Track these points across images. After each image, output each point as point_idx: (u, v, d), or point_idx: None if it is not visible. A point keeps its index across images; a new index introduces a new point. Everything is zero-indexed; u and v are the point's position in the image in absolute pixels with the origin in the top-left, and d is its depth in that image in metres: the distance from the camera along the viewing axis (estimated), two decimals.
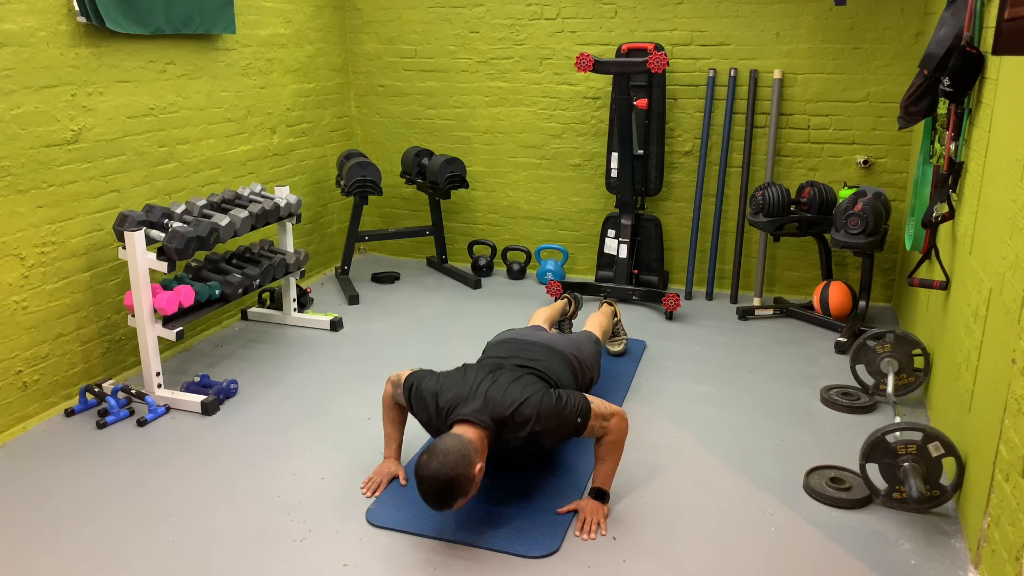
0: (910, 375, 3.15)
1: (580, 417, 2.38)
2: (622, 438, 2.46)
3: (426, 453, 2.20)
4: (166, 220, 3.27)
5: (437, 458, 2.17)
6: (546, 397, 2.37)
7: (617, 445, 2.46)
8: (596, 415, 2.40)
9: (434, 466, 2.16)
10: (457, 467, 2.16)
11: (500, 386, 2.40)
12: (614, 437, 2.44)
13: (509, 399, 2.35)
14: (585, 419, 2.39)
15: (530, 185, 4.99)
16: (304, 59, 4.69)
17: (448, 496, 2.18)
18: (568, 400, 2.39)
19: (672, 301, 4.16)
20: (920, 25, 4.02)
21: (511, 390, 2.38)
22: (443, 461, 2.16)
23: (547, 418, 2.34)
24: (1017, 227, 2.08)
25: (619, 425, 2.44)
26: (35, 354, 3.11)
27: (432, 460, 2.17)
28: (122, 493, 2.62)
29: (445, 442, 2.22)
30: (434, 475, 2.16)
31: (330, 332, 4.07)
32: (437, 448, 2.20)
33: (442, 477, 2.15)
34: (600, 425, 2.42)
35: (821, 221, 3.97)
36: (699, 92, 4.48)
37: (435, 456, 2.18)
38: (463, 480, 2.17)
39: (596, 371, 3.04)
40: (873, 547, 2.32)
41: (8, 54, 2.90)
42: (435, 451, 2.19)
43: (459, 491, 2.18)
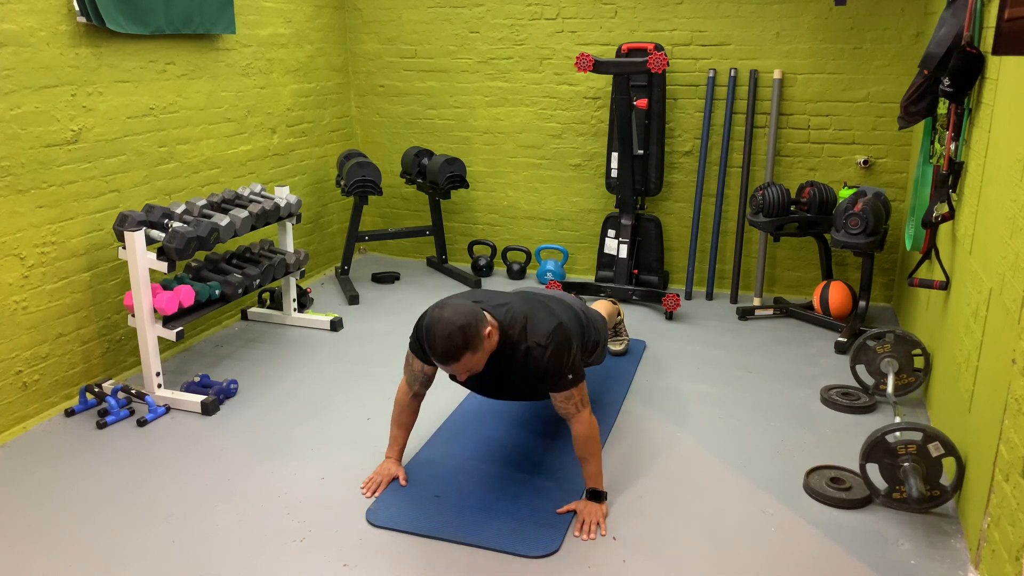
0: (910, 375, 3.15)
1: (572, 374, 2.39)
2: (591, 434, 2.44)
3: (437, 305, 2.27)
4: (166, 220, 3.27)
5: (448, 308, 2.23)
6: (563, 329, 2.40)
7: (591, 442, 2.45)
8: (580, 390, 2.42)
9: (446, 314, 2.21)
10: (468, 317, 2.20)
11: (528, 302, 2.46)
12: (581, 430, 2.42)
13: (531, 310, 2.41)
14: (575, 379, 2.40)
15: (530, 185, 4.99)
16: (304, 59, 4.69)
17: (456, 344, 2.18)
18: (575, 352, 2.42)
19: (672, 301, 4.16)
20: (920, 25, 4.02)
21: (538, 308, 2.44)
22: (455, 310, 2.22)
23: (553, 345, 2.35)
24: (1017, 227, 2.08)
25: (589, 419, 2.44)
26: (35, 354, 3.11)
27: (444, 310, 2.23)
28: (122, 493, 2.62)
29: (458, 298, 2.29)
30: (447, 320, 2.19)
31: (330, 332, 4.07)
32: (449, 300, 2.27)
33: (454, 322, 2.18)
34: (576, 403, 2.42)
35: (821, 221, 3.97)
36: (699, 92, 4.48)
37: (446, 307, 2.24)
38: (472, 331, 2.20)
39: (602, 339, 2.98)
40: (873, 547, 2.32)
41: (8, 54, 2.90)
42: (447, 303, 2.26)
43: (467, 343, 2.19)
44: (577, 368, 2.42)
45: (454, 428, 3.02)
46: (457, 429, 3.01)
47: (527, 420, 3.08)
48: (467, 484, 2.64)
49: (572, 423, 2.44)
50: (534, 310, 2.44)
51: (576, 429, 2.43)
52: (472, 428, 3.02)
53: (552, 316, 2.44)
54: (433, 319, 2.23)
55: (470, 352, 2.21)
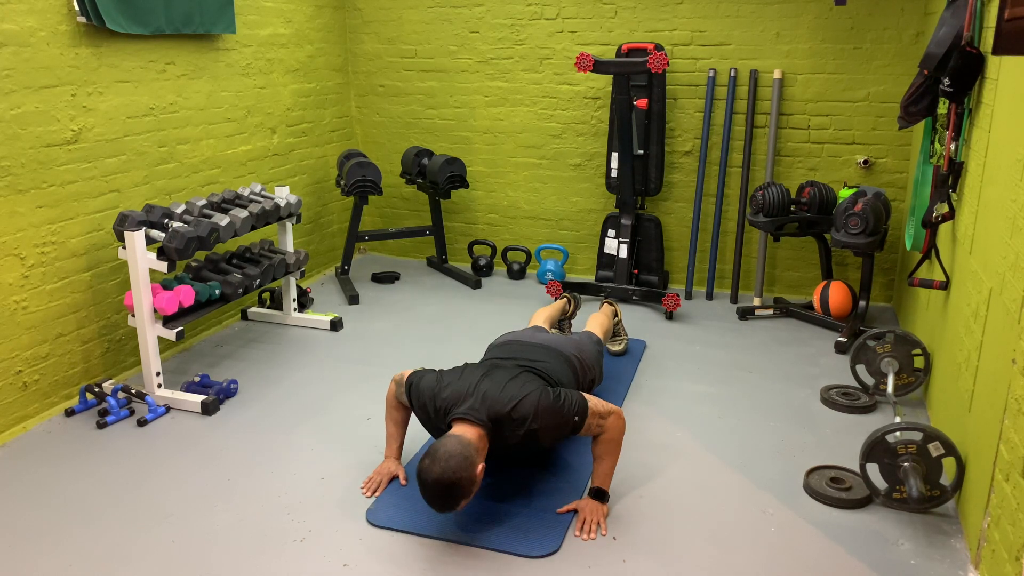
0: (910, 375, 3.15)
1: (577, 415, 2.38)
2: (619, 437, 2.46)
3: (427, 457, 2.21)
4: (166, 220, 3.27)
5: (439, 463, 2.17)
6: (544, 395, 2.37)
7: (614, 444, 2.46)
8: (593, 413, 2.41)
9: (436, 471, 2.17)
10: (459, 470, 2.17)
11: (498, 384, 2.40)
12: (611, 435, 2.44)
13: (507, 396, 2.35)
14: (582, 417, 2.39)
15: (530, 185, 4.99)
16: (304, 59, 4.69)
17: (452, 499, 2.19)
18: (566, 398, 2.39)
19: (672, 301, 4.16)
20: (920, 25, 4.02)
21: (509, 388, 2.39)
22: (445, 466, 2.17)
23: (545, 416, 2.34)
24: (1017, 227, 2.08)
25: (616, 424, 2.44)
26: (35, 354, 3.11)
27: (434, 465, 2.17)
28: (122, 493, 2.62)
29: (446, 445, 2.22)
30: (437, 479, 2.16)
31: (330, 332, 4.07)
32: (439, 452, 2.20)
33: (445, 481, 2.16)
34: (597, 423, 2.42)
35: (821, 221, 3.97)
36: (699, 92, 4.48)
37: (437, 461, 2.18)
38: (465, 482, 2.18)
39: (598, 372, 3.04)
40: (873, 547, 2.32)
41: (8, 54, 2.90)
42: (436, 455, 2.19)
43: (462, 493, 2.19)
44: (579, 408, 2.40)
45: None
46: None
47: None
48: None
49: (604, 434, 2.45)
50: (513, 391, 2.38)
51: (606, 436, 2.45)
52: None
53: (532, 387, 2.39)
54: (425, 477, 2.18)
55: (465, 499, 2.23)
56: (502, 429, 2.35)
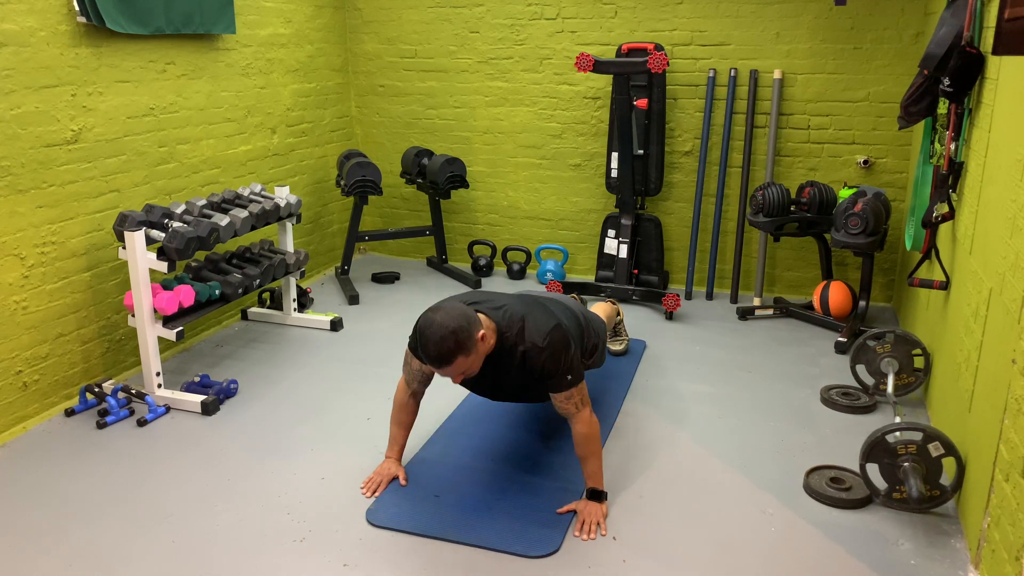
0: (910, 375, 3.15)
1: (571, 374, 2.40)
2: (591, 433, 2.44)
3: (431, 308, 2.27)
4: (166, 220, 3.27)
5: (442, 312, 2.23)
6: (561, 329, 2.40)
7: (591, 441, 2.45)
8: (580, 390, 2.42)
9: (439, 317, 2.21)
10: (461, 320, 2.20)
11: (524, 303, 2.47)
12: (582, 429, 2.43)
13: (527, 311, 2.41)
14: (575, 379, 2.40)
15: (530, 185, 4.99)
16: (304, 59, 4.69)
17: (450, 347, 2.19)
18: (573, 353, 2.42)
19: (672, 301, 4.16)
20: (920, 25, 4.02)
21: (535, 309, 2.44)
22: (448, 314, 2.22)
23: (551, 347, 2.35)
24: (1017, 227, 2.08)
25: (589, 419, 2.44)
26: (35, 354, 3.11)
27: (437, 313, 2.23)
28: (122, 493, 2.62)
29: (452, 301, 2.29)
30: (439, 323, 2.19)
31: (330, 332, 4.07)
32: (443, 304, 2.27)
33: (447, 326, 2.18)
34: (575, 402, 2.42)
35: (821, 221, 3.97)
36: (699, 92, 4.48)
37: (440, 310, 2.24)
38: (465, 335, 2.20)
39: (600, 343, 2.99)
40: (873, 547, 2.32)
41: (8, 54, 2.90)
42: (440, 306, 2.26)
43: (460, 346, 2.19)
44: (576, 368, 2.42)
45: (454, 428, 3.02)
46: (457, 429, 3.01)
47: (527, 420, 3.08)
48: (467, 484, 2.64)
49: (572, 422, 2.44)
50: (532, 311, 2.44)
51: (576, 428, 2.44)
52: (472, 428, 3.02)
53: (550, 317, 2.44)
54: (426, 322, 2.24)
55: (463, 355, 2.21)
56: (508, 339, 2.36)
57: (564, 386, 2.40)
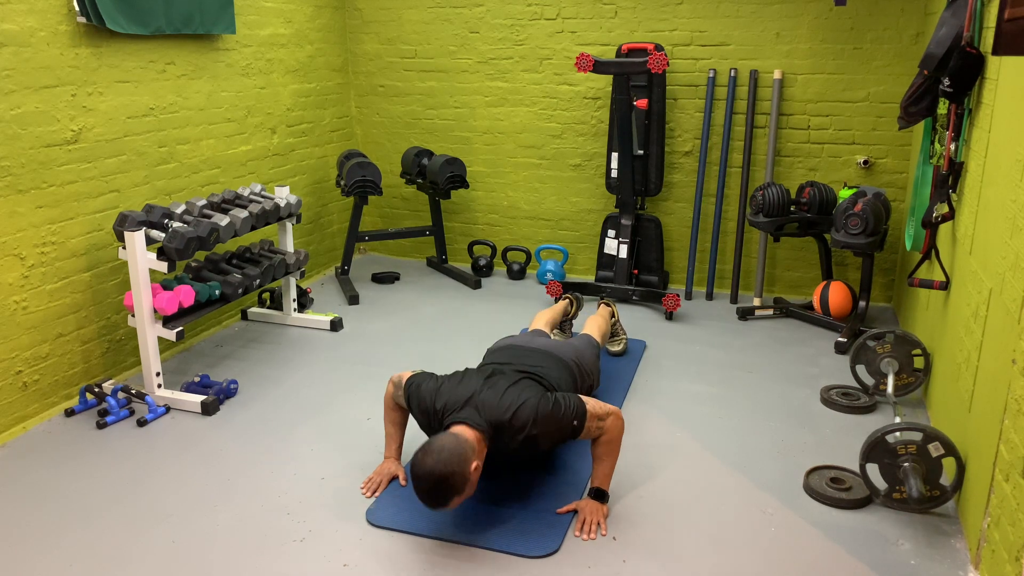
0: (910, 375, 3.15)
1: (576, 420, 2.38)
2: (619, 437, 2.46)
3: (422, 450, 2.20)
4: (166, 220, 3.26)
5: (432, 455, 2.16)
6: (543, 401, 2.37)
7: (614, 444, 2.46)
8: (592, 416, 2.41)
9: (429, 463, 2.15)
10: (452, 464, 2.15)
11: (497, 390, 2.40)
12: (610, 436, 2.44)
13: (506, 403, 2.35)
14: (581, 421, 2.39)
15: (530, 185, 4.99)
16: (304, 59, 4.69)
17: (443, 494, 2.17)
18: (564, 403, 2.39)
19: (672, 301, 4.16)
20: (920, 25, 4.02)
21: (508, 394, 2.38)
22: (438, 458, 2.16)
23: (543, 422, 2.34)
24: (1017, 227, 2.08)
25: (615, 424, 2.44)
26: (35, 354, 3.11)
27: (428, 457, 2.16)
28: (122, 493, 2.62)
29: (441, 440, 2.21)
30: (429, 472, 2.15)
31: (330, 332, 4.07)
32: (433, 446, 2.19)
33: (437, 474, 2.14)
34: (596, 426, 2.42)
35: (821, 221, 3.97)
36: (699, 92, 4.48)
37: (430, 453, 2.17)
38: (458, 478, 2.17)
39: (596, 377, 3.05)
40: (873, 547, 2.32)
41: (8, 54, 2.90)
42: (431, 448, 2.19)
43: (454, 489, 2.17)
44: (577, 412, 2.39)
45: None
46: None
47: None
48: None
49: (604, 436, 2.45)
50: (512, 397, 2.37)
51: (605, 438, 2.45)
52: None
53: (531, 393, 2.39)
54: (418, 470, 2.16)
55: (458, 496, 2.21)
56: (501, 435, 2.34)
57: (580, 430, 2.40)
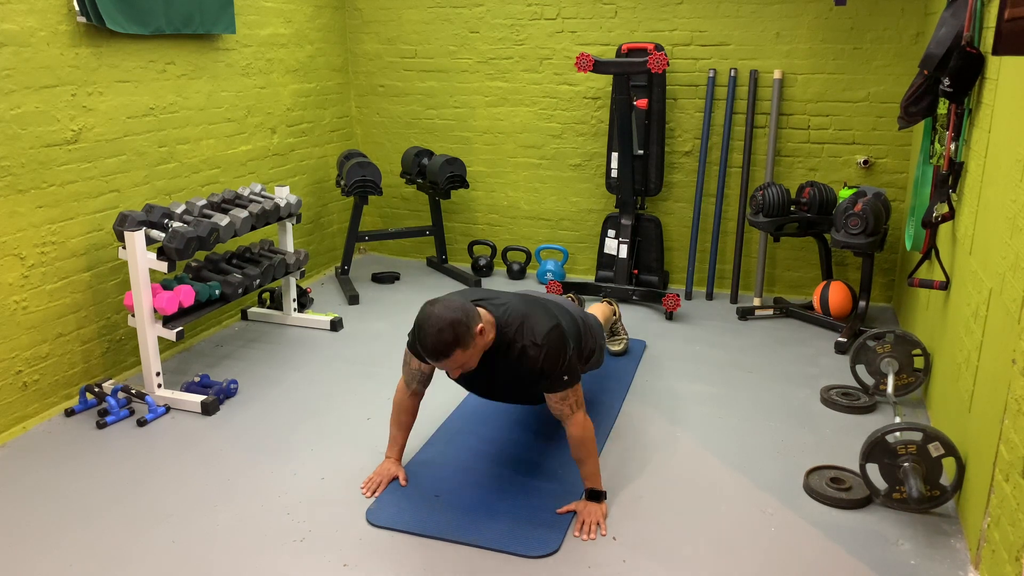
0: (910, 375, 3.15)
1: (567, 375, 2.39)
2: (585, 436, 2.44)
3: (429, 302, 2.28)
4: (166, 220, 3.26)
5: (440, 303, 2.24)
6: (559, 329, 2.40)
7: (586, 444, 2.45)
8: (576, 392, 2.42)
9: (438, 309, 2.22)
10: (459, 313, 2.21)
11: (524, 301, 2.48)
12: (577, 432, 2.43)
13: (528, 310, 2.42)
14: (571, 380, 2.40)
15: (530, 185, 4.99)
16: (304, 59, 4.69)
17: (447, 340, 2.19)
18: (571, 353, 2.42)
19: (672, 301, 4.16)
20: (920, 25, 4.02)
21: (534, 307, 2.45)
22: (447, 305, 2.23)
23: (548, 345, 2.35)
24: (1017, 227, 2.08)
25: (583, 421, 2.44)
26: (35, 354, 3.11)
27: (436, 305, 2.24)
28: (122, 493, 2.62)
29: (451, 295, 2.30)
30: (438, 316, 2.20)
31: (330, 332, 4.07)
32: (442, 298, 2.27)
33: (446, 319, 2.19)
34: (570, 404, 2.42)
35: (821, 221, 3.97)
36: (699, 92, 4.48)
37: (439, 302, 2.25)
38: (463, 328, 2.20)
39: (598, 346, 2.99)
40: (873, 547, 2.32)
41: (8, 54, 2.90)
42: (440, 298, 2.27)
43: (458, 339, 2.19)
44: (573, 370, 2.42)
45: (454, 428, 3.02)
46: (457, 429, 3.01)
47: (527, 421, 3.08)
48: (467, 484, 2.64)
49: (567, 424, 2.44)
50: (532, 310, 2.44)
51: (571, 431, 2.44)
52: (472, 428, 3.02)
53: (550, 317, 2.44)
54: (424, 315, 2.24)
55: (460, 348, 2.22)
56: (507, 335, 2.37)
57: (560, 387, 2.40)
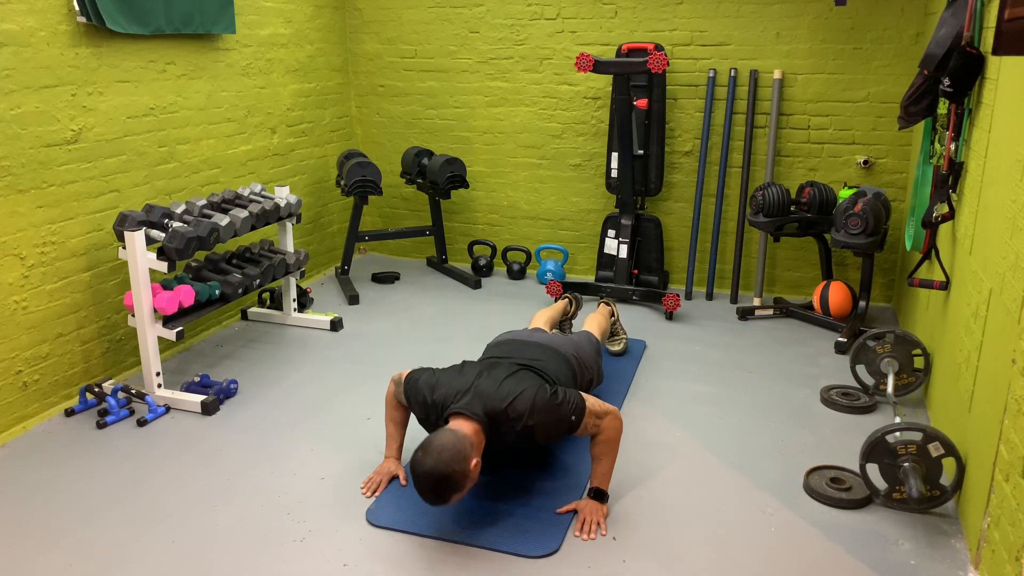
0: (910, 375, 3.15)
1: (575, 415, 2.38)
2: (616, 437, 2.46)
3: (421, 449, 2.20)
4: (166, 220, 3.26)
5: (432, 455, 2.17)
6: (540, 392, 2.37)
7: (612, 444, 2.46)
8: (590, 413, 2.41)
9: (429, 464, 2.16)
10: (452, 463, 2.16)
11: (495, 380, 2.41)
12: (608, 436, 2.44)
13: (504, 393, 2.36)
14: (579, 416, 2.39)
15: (530, 185, 4.99)
16: (304, 59, 4.69)
17: (444, 492, 2.18)
18: (563, 396, 2.39)
19: (672, 301, 4.16)
20: (920, 25, 4.02)
21: (506, 384, 2.39)
22: (438, 458, 2.16)
23: (541, 413, 2.34)
24: (1017, 227, 2.08)
25: (613, 424, 2.44)
26: (35, 354, 3.11)
27: (427, 457, 2.17)
28: (122, 493, 2.62)
29: (440, 438, 2.22)
30: (429, 471, 2.15)
31: (330, 332, 4.07)
32: (432, 444, 2.20)
33: (438, 474, 2.15)
34: (594, 423, 2.42)
35: (821, 221, 3.97)
36: (699, 92, 4.48)
37: (430, 453, 2.17)
38: (458, 475, 2.17)
39: (596, 372, 3.05)
40: (873, 547, 2.32)
41: (8, 54, 2.90)
42: (430, 447, 2.19)
43: (455, 487, 2.18)
44: (575, 405, 2.40)
45: None
46: None
47: None
48: None
49: (600, 435, 2.45)
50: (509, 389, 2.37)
51: (602, 437, 2.45)
52: None
53: (529, 384, 2.39)
54: (418, 469, 2.17)
55: (459, 494, 2.22)
56: (499, 426, 2.35)
57: (576, 426, 2.40)
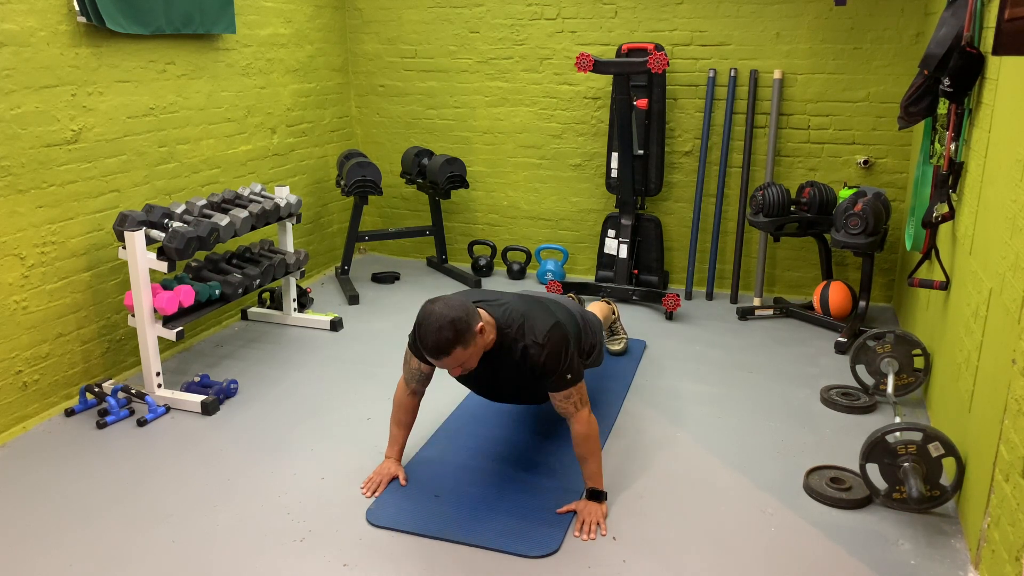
0: (910, 375, 3.15)
1: (570, 373, 2.40)
2: (593, 434, 2.45)
3: (430, 300, 2.29)
4: (166, 220, 3.26)
5: (441, 302, 2.26)
6: (562, 331, 2.41)
7: (590, 442, 2.45)
8: (579, 390, 2.43)
9: (439, 307, 2.23)
10: (460, 311, 2.22)
11: (526, 302, 2.49)
12: (582, 430, 2.43)
13: (529, 310, 2.43)
14: (573, 379, 2.41)
15: (530, 185, 4.99)
16: (304, 59, 4.69)
17: (446, 335, 2.20)
18: (574, 354, 2.43)
19: (672, 301, 4.16)
20: (920, 25, 4.02)
21: (536, 308, 2.46)
22: (448, 303, 2.25)
23: (551, 344, 2.36)
24: (1017, 227, 2.08)
25: (588, 419, 2.44)
26: (35, 354, 3.11)
27: (437, 303, 2.26)
28: (122, 493, 2.62)
29: (452, 295, 2.31)
30: (439, 314, 2.21)
31: (330, 332, 4.07)
32: (442, 297, 2.29)
33: (447, 317, 2.20)
34: (575, 402, 2.42)
35: (821, 221, 3.97)
36: (699, 92, 4.48)
37: (439, 300, 2.27)
38: (463, 325, 2.21)
39: (598, 346, 3.01)
40: (873, 547, 2.32)
41: (8, 54, 2.90)
42: (441, 297, 2.29)
43: (458, 335, 2.21)
44: (575, 368, 2.42)
45: (454, 428, 3.02)
46: (457, 429, 3.01)
47: (527, 420, 3.08)
48: (467, 484, 2.64)
49: (571, 422, 2.45)
50: (532, 310, 2.45)
51: (575, 428, 2.44)
52: (472, 428, 3.02)
53: (550, 316, 2.44)
54: (425, 313, 2.26)
55: (460, 347, 2.22)
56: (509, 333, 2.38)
57: (563, 385, 2.40)
